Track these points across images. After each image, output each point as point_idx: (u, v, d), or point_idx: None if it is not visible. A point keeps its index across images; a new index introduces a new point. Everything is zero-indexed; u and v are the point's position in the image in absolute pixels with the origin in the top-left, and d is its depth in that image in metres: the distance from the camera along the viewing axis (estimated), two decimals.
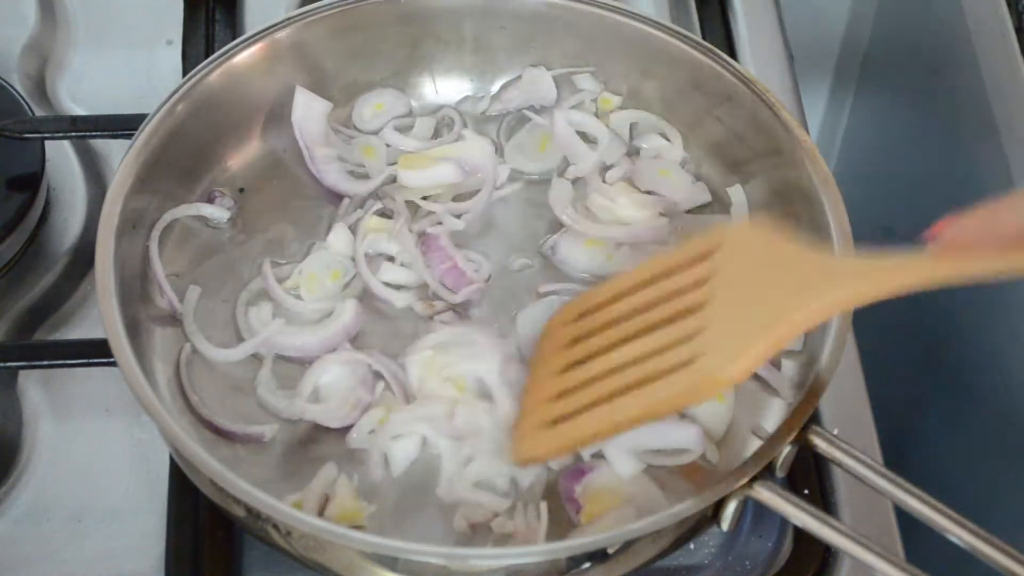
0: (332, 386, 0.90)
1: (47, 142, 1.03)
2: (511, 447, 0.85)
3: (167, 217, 0.94)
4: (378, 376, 0.90)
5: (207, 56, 0.98)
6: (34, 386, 0.96)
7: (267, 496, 0.77)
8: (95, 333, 0.87)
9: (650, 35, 1.00)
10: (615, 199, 0.98)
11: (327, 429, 0.89)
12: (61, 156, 1.07)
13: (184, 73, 1.07)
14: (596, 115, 1.03)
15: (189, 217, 0.96)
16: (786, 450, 0.80)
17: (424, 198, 0.98)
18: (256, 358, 0.91)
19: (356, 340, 0.93)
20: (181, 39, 1.13)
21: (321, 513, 0.84)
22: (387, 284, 0.95)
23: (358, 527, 0.83)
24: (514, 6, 1.02)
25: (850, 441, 0.81)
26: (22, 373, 0.96)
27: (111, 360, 0.83)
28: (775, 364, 0.91)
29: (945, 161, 1.26)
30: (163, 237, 0.93)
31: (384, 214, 0.98)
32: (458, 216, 0.98)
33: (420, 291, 0.95)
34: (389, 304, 0.95)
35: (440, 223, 0.97)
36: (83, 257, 1.02)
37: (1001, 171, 1.13)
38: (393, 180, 0.99)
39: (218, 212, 0.97)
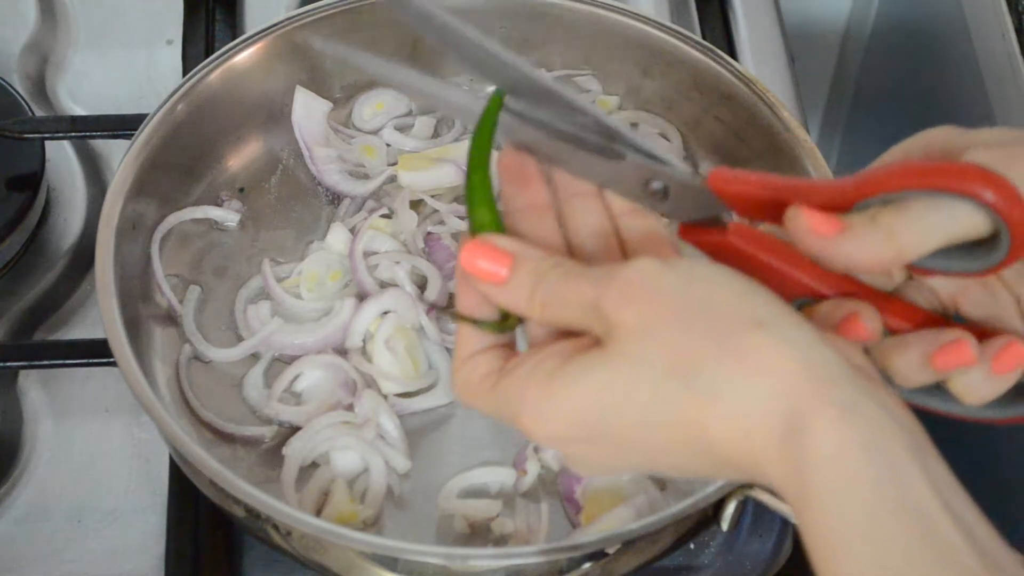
0: (313, 389, 0.90)
1: (47, 142, 1.03)
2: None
3: (172, 220, 0.94)
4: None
5: (207, 56, 0.98)
6: (34, 386, 0.96)
7: (267, 496, 0.77)
8: (95, 333, 0.87)
9: (650, 35, 1.00)
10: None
11: None
12: (61, 156, 1.07)
13: (184, 73, 1.07)
14: None
15: (191, 219, 0.96)
16: None
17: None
18: (256, 358, 0.91)
19: None
20: (181, 39, 1.13)
21: (318, 514, 0.84)
22: (382, 283, 0.95)
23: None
24: (514, 6, 1.02)
25: None
26: (22, 373, 0.96)
27: (111, 360, 0.83)
28: None
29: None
30: (163, 238, 0.93)
31: (384, 215, 0.98)
32: (462, 218, 0.98)
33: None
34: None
35: (443, 223, 0.97)
36: (83, 257, 1.02)
37: None
38: (393, 180, 0.99)
39: (227, 215, 0.97)
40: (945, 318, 0.66)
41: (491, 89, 0.65)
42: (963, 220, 0.59)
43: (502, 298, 0.62)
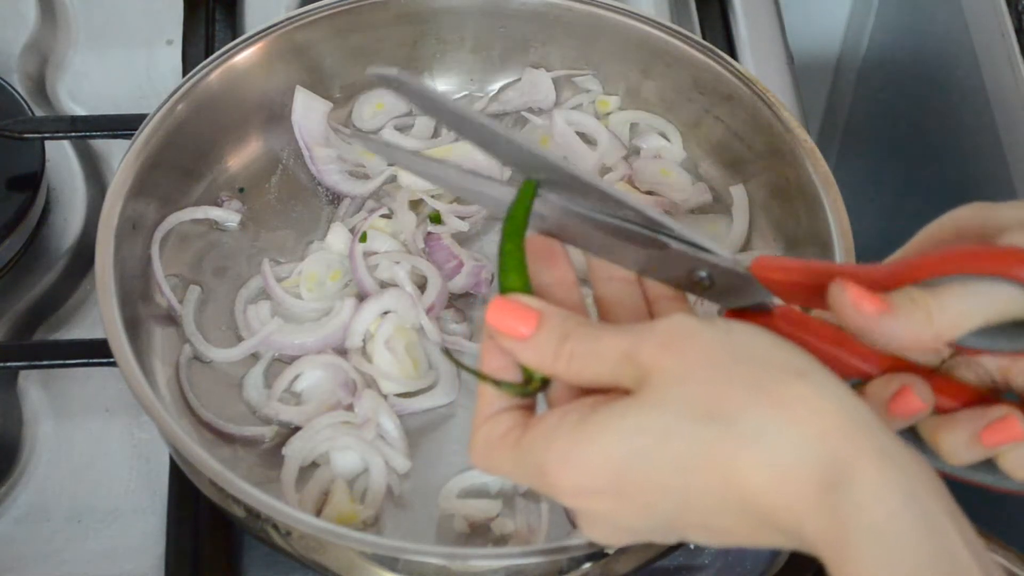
0: (313, 389, 0.90)
1: (47, 142, 1.03)
2: None
3: (172, 220, 0.94)
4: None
5: (207, 56, 0.97)
6: (34, 386, 0.96)
7: (267, 496, 0.77)
8: (95, 333, 0.87)
9: (650, 35, 1.00)
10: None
11: None
12: (61, 156, 1.07)
13: (184, 73, 1.07)
14: (596, 116, 1.03)
15: (191, 219, 0.96)
16: None
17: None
18: (256, 358, 0.91)
19: None
20: (181, 39, 1.13)
21: (319, 514, 0.84)
22: (382, 283, 0.95)
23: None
24: (514, 6, 1.02)
25: None
26: (22, 373, 0.96)
27: (111, 360, 0.83)
28: None
29: (944, 161, 1.26)
30: (163, 238, 0.93)
31: (384, 215, 0.98)
32: (462, 218, 0.98)
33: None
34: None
35: (443, 223, 0.97)
36: (83, 257, 1.02)
37: (1001, 172, 1.13)
38: (393, 180, 0.99)
39: (227, 215, 0.97)
40: (994, 394, 0.65)
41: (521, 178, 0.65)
42: (1005, 301, 0.59)
43: (527, 354, 0.62)
